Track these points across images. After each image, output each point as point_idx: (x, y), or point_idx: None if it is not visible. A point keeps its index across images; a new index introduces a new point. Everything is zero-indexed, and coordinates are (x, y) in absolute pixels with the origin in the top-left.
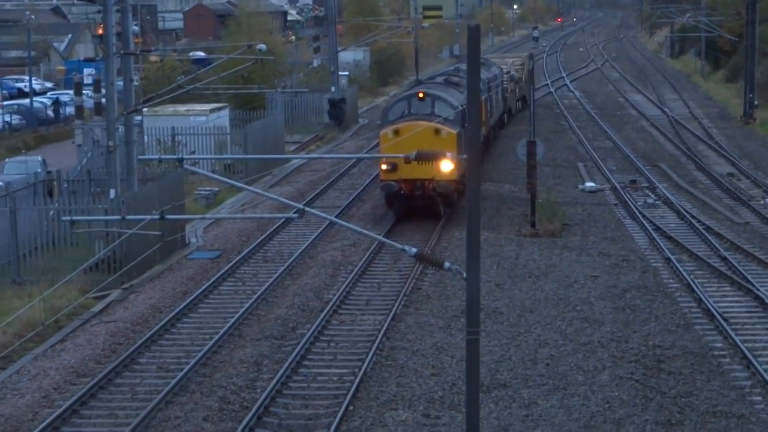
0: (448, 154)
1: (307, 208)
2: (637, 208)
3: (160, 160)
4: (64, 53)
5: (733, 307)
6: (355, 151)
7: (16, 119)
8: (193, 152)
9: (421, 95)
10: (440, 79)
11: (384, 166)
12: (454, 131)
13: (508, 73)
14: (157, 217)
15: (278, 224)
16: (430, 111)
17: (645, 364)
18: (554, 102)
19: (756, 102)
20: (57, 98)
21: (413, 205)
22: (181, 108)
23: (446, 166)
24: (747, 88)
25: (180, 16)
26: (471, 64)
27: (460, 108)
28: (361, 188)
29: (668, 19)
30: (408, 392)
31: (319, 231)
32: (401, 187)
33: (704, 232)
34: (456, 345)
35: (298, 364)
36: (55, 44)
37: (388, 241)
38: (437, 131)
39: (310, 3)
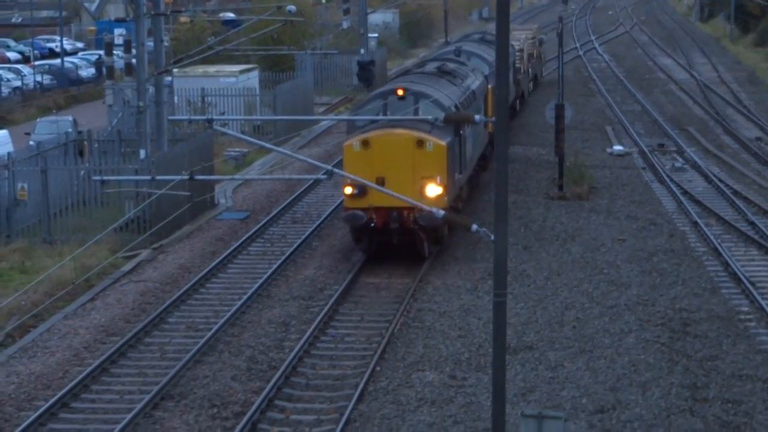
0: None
1: (336, 170)
2: (664, 172)
3: (190, 121)
4: (95, 13)
5: (760, 271)
6: None
7: (47, 79)
8: (223, 113)
9: (400, 92)
10: (432, 67)
11: (348, 190)
12: (443, 142)
13: (520, 50)
14: (186, 177)
15: (307, 185)
16: (412, 114)
17: (671, 328)
18: (583, 65)
19: None
20: (100, 57)
21: (388, 241)
22: (211, 69)
23: (432, 190)
24: None
25: None
26: (501, 26)
27: (454, 109)
28: None
29: None
30: (435, 354)
31: None
32: (371, 218)
33: (732, 196)
34: (483, 307)
35: (325, 325)
36: (86, 4)
37: (417, 203)
38: (420, 143)
39: None
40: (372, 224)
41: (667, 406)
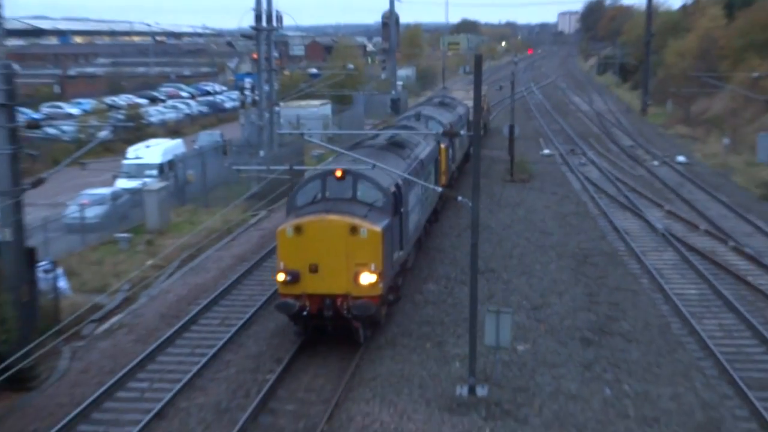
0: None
1: (378, 164)
2: (574, 166)
3: (290, 134)
4: (234, 69)
5: (631, 226)
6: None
7: (204, 108)
8: (309, 129)
9: (339, 174)
10: (384, 139)
11: (281, 276)
12: (377, 228)
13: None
14: (287, 167)
15: None
16: (350, 195)
17: (577, 259)
18: (526, 101)
19: (649, 102)
20: (238, 96)
21: (322, 326)
22: (303, 102)
23: (366, 278)
24: (644, 93)
25: (302, 47)
26: (476, 78)
27: (393, 189)
28: None
29: (597, 50)
30: (435, 273)
31: None
32: (304, 306)
33: (615, 180)
34: (464, 245)
35: None
36: (228, 64)
37: (431, 185)
38: (354, 229)
39: (380, 40)
40: (305, 311)
41: (574, 306)
